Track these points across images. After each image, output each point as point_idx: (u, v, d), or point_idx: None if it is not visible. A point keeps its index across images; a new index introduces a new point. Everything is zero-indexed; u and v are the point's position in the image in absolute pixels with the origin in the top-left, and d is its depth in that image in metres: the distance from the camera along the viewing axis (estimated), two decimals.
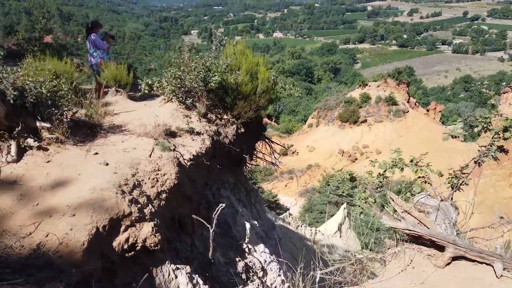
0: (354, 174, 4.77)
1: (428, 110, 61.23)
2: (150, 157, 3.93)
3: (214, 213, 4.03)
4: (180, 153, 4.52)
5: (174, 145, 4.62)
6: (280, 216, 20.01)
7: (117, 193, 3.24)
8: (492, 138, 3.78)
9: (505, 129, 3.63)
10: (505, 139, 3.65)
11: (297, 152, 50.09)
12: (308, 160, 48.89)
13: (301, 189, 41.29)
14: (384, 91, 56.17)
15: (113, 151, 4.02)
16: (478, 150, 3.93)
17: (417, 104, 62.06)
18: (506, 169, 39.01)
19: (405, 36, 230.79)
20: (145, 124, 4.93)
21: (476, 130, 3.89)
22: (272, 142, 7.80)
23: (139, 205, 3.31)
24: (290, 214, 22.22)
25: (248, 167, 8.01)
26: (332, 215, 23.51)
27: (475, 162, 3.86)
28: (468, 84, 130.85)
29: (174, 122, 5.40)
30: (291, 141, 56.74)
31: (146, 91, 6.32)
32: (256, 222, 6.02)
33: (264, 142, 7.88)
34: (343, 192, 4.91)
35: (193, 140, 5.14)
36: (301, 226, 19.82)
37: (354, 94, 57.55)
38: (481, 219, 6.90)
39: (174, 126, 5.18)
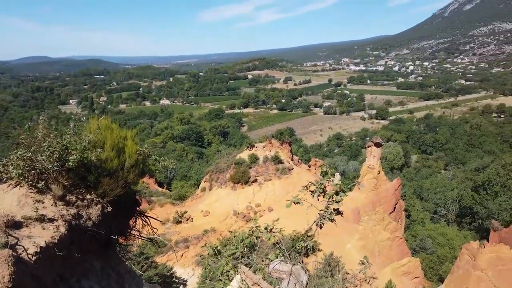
0: (219, 247, 4.74)
1: (309, 166, 66.75)
2: None
3: None
4: (24, 248, 3.94)
5: (16, 239, 4.02)
6: None
7: None
8: (327, 201, 4.22)
9: (337, 193, 4.11)
10: (337, 202, 4.11)
11: (192, 219, 48.71)
12: (203, 225, 47.69)
13: (198, 257, 39.61)
14: (270, 151, 59.77)
15: None
16: (319, 213, 4.33)
17: (300, 161, 67.29)
18: (380, 213, 43.92)
19: (283, 100, 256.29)
20: None
21: (315, 195, 4.31)
22: (147, 216, 7.42)
23: None
24: None
25: (123, 246, 7.40)
26: (230, 280, 22.78)
27: (317, 225, 4.24)
28: (340, 141, 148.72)
29: (21, 210, 4.76)
30: (185, 208, 55.14)
31: None
32: None
33: (138, 217, 7.44)
34: (205, 268, 4.81)
35: (43, 228, 4.56)
36: None
37: (243, 156, 59.79)
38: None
39: (19, 215, 4.55)
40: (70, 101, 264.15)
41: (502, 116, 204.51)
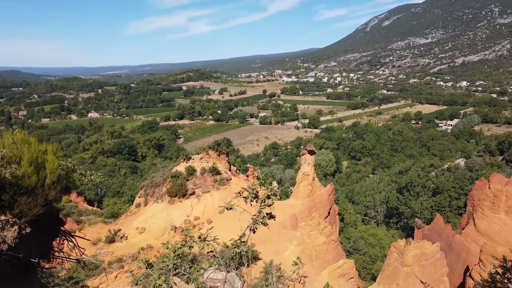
0: (150, 260, 4.54)
1: (247, 176, 67.29)
2: None
3: None
4: None
5: None
6: None
7: None
8: (260, 206, 4.28)
9: (268, 197, 4.19)
10: (269, 205, 4.19)
11: (126, 237, 46.31)
12: (139, 243, 45.55)
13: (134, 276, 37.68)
14: (207, 162, 59.23)
15: None
16: (252, 218, 4.37)
17: (237, 171, 67.55)
18: (316, 219, 45.44)
19: (219, 111, 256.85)
20: None
21: (248, 200, 4.35)
22: (74, 236, 6.89)
23: None
24: None
25: (46, 271, 6.78)
26: None
27: (250, 230, 4.27)
28: (276, 150, 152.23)
29: None
30: (118, 226, 52.29)
31: None
32: None
33: (63, 237, 6.88)
34: (136, 283, 4.58)
35: None
36: None
37: (180, 168, 58.51)
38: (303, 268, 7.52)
39: None
40: None
41: (419, 123, 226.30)
